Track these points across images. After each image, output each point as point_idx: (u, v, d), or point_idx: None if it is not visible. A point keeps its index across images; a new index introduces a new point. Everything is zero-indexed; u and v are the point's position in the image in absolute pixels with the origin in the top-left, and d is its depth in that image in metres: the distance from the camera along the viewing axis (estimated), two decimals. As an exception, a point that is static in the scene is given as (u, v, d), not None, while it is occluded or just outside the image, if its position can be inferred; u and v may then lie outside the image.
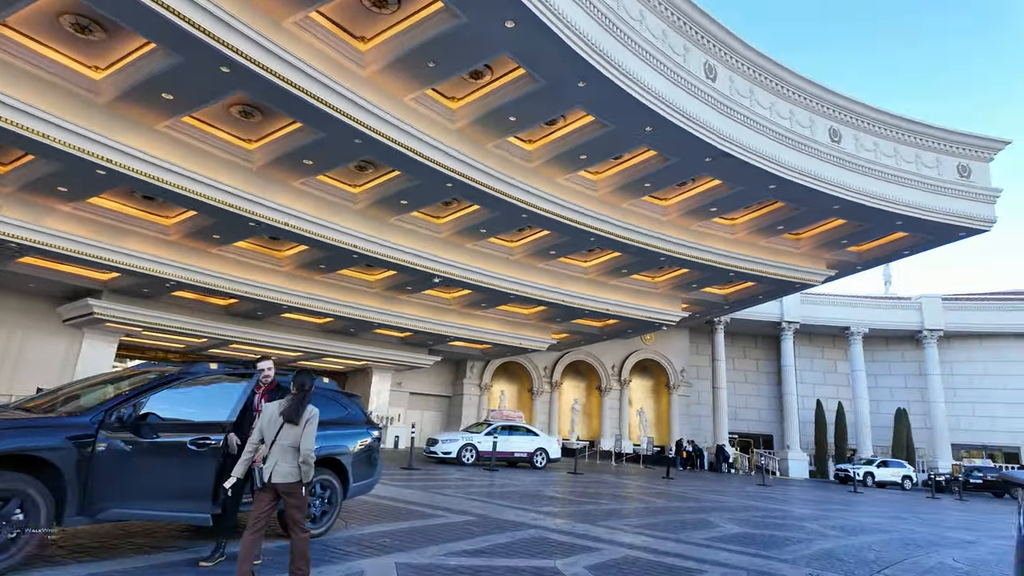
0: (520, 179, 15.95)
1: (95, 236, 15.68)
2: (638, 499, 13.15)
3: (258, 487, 4.54)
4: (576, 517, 9.03)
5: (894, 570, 6.72)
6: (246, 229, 16.16)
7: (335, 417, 6.13)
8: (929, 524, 12.65)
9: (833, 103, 18.18)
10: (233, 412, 5.21)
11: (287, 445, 4.60)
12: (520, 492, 12.03)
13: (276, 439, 4.62)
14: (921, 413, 35.71)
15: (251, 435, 4.71)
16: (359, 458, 6.37)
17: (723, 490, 17.84)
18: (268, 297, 19.53)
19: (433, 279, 20.06)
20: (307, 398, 4.75)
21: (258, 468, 4.57)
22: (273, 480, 4.55)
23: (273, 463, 4.58)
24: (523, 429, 20.73)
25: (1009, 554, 8.88)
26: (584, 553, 6.22)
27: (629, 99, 13.44)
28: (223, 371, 5.55)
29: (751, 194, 18.31)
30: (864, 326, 36.35)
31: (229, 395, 5.28)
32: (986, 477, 28.74)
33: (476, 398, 33.40)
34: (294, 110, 12.46)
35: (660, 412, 36.63)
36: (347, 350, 26.63)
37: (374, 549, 5.63)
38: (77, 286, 18.94)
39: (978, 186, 20.21)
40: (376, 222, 17.43)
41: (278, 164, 14.75)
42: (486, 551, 5.93)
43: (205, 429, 5.06)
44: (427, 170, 14.43)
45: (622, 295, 24.14)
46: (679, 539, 7.73)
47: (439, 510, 8.50)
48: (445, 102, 14.13)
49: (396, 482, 12.35)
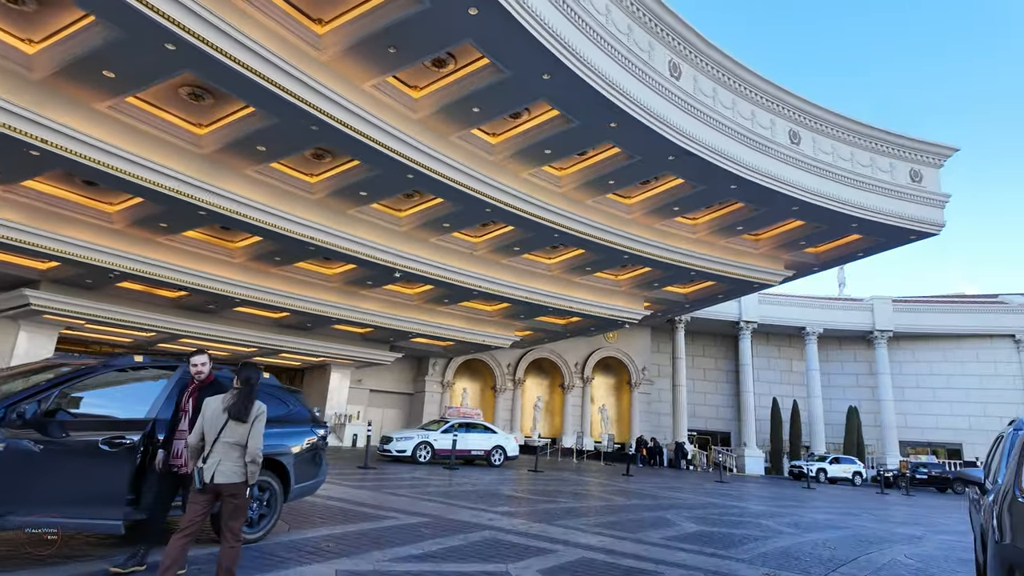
0: (484, 172, 15.67)
1: (30, 222, 14.78)
2: (597, 497, 13.05)
3: (197, 488, 4.19)
4: (533, 517, 8.82)
5: (849, 568, 6.71)
6: (195, 218, 15.46)
7: (276, 415, 5.75)
8: (879, 520, 12.89)
9: (793, 105, 18.43)
10: (153, 409, 4.80)
11: (232, 443, 4.29)
12: (477, 491, 11.77)
13: (219, 437, 4.29)
14: (871, 411, 36.84)
15: (190, 434, 4.34)
16: (302, 458, 6.01)
17: (681, 487, 17.93)
18: (220, 290, 18.79)
19: (394, 274, 19.61)
20: (254, 393, 4.44)
21: (198, 468, 4.22)
22: (216, 481, 4.22)
23: (216, 462, 4.25)
24: (480, 427, 20.47)
25: (955, 549, 9.06)
26: (538, 555, 6.00)
27: (594, 94, 13.30)
28: (147, 364, 5.13)
29: (713, 194, 18.44)
30: (819, 326, 37.28)
31: (150, 391, 4.86)
32: (931, 473, 29.80)
33: (438, 396, 32.99)
34: (246, 93, 11.91)
35: (621, 409, 36.87)
36: (304, 346, 25.91)
37: (315, 555, 5.29)
38: (12, 275, 17.86)
39: (929, 191, 20.82)
40: (334, 213, 16.91)
41: (230, 150, 14.13)
42: (436, 555, 5.65)
43: (120, 427, 4.63)
44: (387, 160, 14.02)
45: (586, 293, 24.10)
46: (637, 539, 7.60)
47: (390, 511, 8.17)
48: (407, 90, 13.74)
49: (349, 482, 11.95)
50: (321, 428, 6.40)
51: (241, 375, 4.47)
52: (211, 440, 4.31)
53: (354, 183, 15.65)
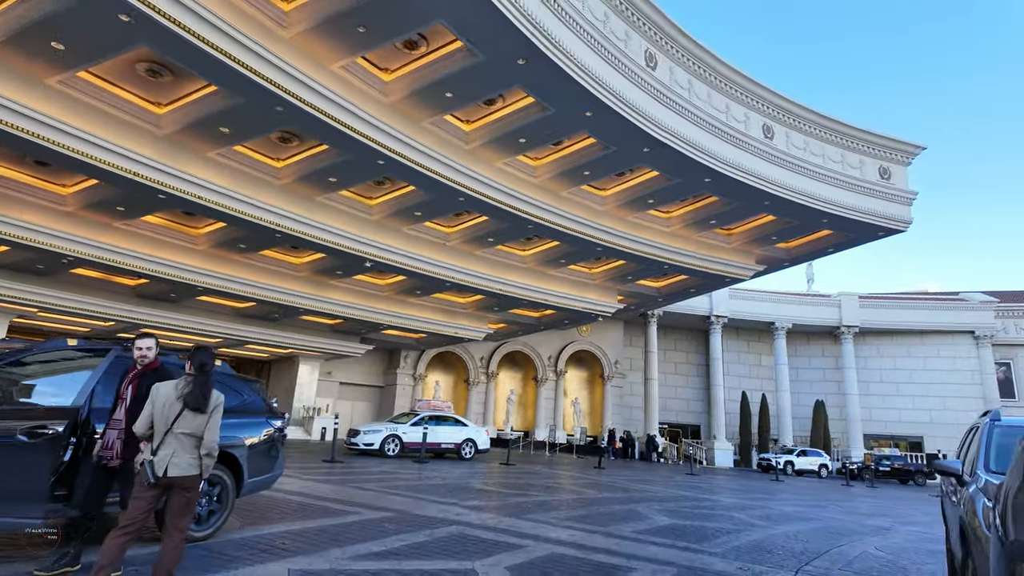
0: (457, 160, 15.33)
1: (-25, 203, 13.99)
2: (569, 490, 12.90)
3: (149, 482, 3.84)
4: (503, 511, 8.60)
5: (821, 561, 6.63)
6: (155, 202, 14.82)
7: (230, 405, 5.38)
8: (847, 512, 13.01)
9: (767, 100, 18.46)
10: (81, 396, 4.41)
11: (186, 434, 3.95)
12: (447, 485, 11.51)
13: (173, 427, 3.94)
14: (837, 405, 37.55)
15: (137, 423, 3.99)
16: (256, 451, 5.65)
17: (653, 480, 17.93)
18: (182, 278, 18.11)
19: (364, 263, 19.15)
20: (211, 380, 4.11)
21: (148, 461, 3.87)
22: (171, 474, 3.87)
23: (169, 454, 3.91)
24: (451, 419, 20.16)
25: (923, 541, 9.12)
26: (507, 551, 5.77)
27: (569, 81, 13.06)
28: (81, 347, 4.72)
29: (687, 187, 18.39)
30: (788, 321, 37.83)
31: (80, 377, 4.46)
32: (893, 465, 30.51)
33: (410, 388, 32.58)
34: (207, 71, 11.38)
35: (594, 403, 36.93)
36: (272, 337, 25.27)
37: (268, 553, 4.96)
38: (-43, 260, 16.97)
39: (897, 188, 21.12)
40: (302, 200, 16.39)
41: (191, 131, 13.53)
42: (398, 552, 5.37)
43: (42, 416, 4.23)
44: (356, 145, 13.59)
45: (560, 285, 23.95)
46: (608, 533, 7.43)
47: (354, 506, 7.85)
48: (377, 73, 13.32)
49: (313, 476, 11.57)
50: (278, 419, 6.05)
51: (195, 360, 4.13)
52: (162, 430, 3.97)
53: (322, 168, 15.17)
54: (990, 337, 37.39)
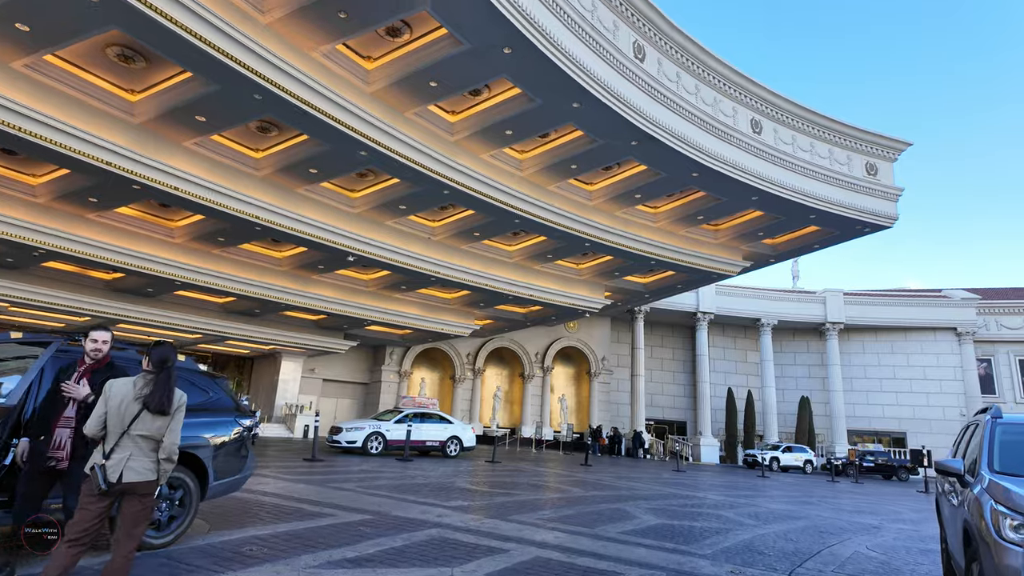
0: (442, 152, 15.00)
1: (-62, 193, 13.45)
2: (554, 488, 12.67)
3: (101, 489, 3.50)
4: (486, 511, 8.34)
5: (814, 563, 6.45)
6: (129, 193, 14.35)
7: (194, 402, 5.08)
8: (834, 509, 12.91)
9: (756, 94, 18.31)
10: (16, 393, 4.07)
11: (144, 436, 3.62)
12: (429, 484, 11.23)
13: (129, 429, 3.61)
14: (822, 401, 37.74)
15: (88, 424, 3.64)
16: (223, 452, 5.33)
17: (640, 477, 17.77)
18: (159, 271, 17.62)
19: (347, 257, 18.77)
20: (173, 378, 3.76)
21: (99, 466, 3.53)
22: (126, 480, 3.53)
23: (124, 458, 3.56)
24: (436, 417, 19.86)
25: (913, 540, 9.00)
26: (488, 556, 5.51)
27: (556, 71, 12.78)
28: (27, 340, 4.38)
29: (674, 182, 18.21)
30: (774, 318, 37.93)
31: (15, 372, 4.12)
32: (877, 461, 30.71)
33: (395, 385, 32.20)
34: (182, 56, 10.96)
35: (581, 399, 36.79)
36: (253, 333, 24.79)
37: (232, 561, 4.65)
38: (-79, 253, 16.35)
39: (883, 184, 21.10)
40: (282, 192, 15.98)
41: (166, 120, 13.09)
42: (373, 558, 5.08)
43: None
44: (338, 135, 13.22)
45: (547, 281, 23.70)
46: (595, 534, 7.20)
47: (331, 508, 7.54)
48: (359, 61, 12.95)
49: (291, 476, 11.23)
50: (246, 418, 5.73)
51: (154, 356, 3.77)
52: (117, 432, 3.62)
53: (303, 159, 14.77)
54: (972, 333, 37.75)
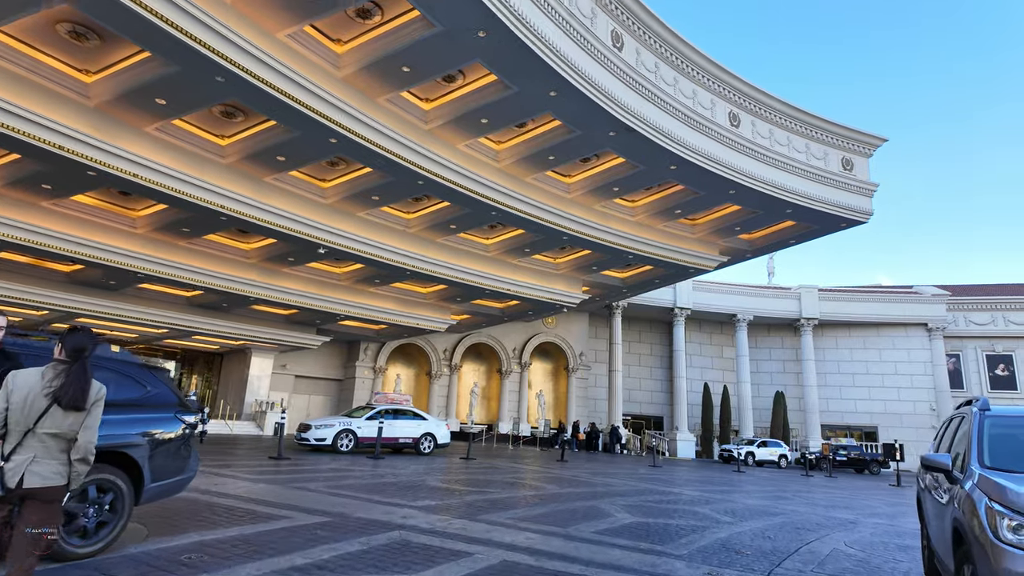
0: (415, 140, 14.58)
1: None
2: (529, 486, 12.39)
3: None
4: (455, 511, 8.00)
5: (792, 562, 6.24)
6: (85, 180, 13.68)
7: (129, 397, 4.65)
8: (810, 504, 12.83)
9: (734, 87, 18.19)
10: None
11: (53, 435, 3.17)
12: (399, 483, 10.85)
13: (35, 427, 3.16)
14: (796, 396, 38.08)
15: None
16: (161, 451, 4.91)
17: (616, 472, 17.59)
18: (120, 263, 16.92)
19: (318, 250, 18.24)
20: (89, 369, 3.30)
21: None
22: (28, 484, 3.09)
23: (27, 460, 3.12)
24: (410, 413, 19.44)
25: (890, 535, 8.88)
26: (451, 561, 5.17)
27: (532, 57, 12.45)
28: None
29: (652, 174, 18.01)
30: (749, 314, 38.15)
31: None
32: (850, 455, 31.05)
33: (370, 382, 31.65)
34: (138, 35, 10.40)
35: (559, 395, 36.61)
36: (221, 328, 24.08)
37: (164, 572, 4.24)
38: None
39: (859, 179, 21.18)
40: (249, 180, 15.41)
41: (124, 102, 12.47)
42: (324, 565, 4.70)
43: None
44: (306, 120, 12.73)
45: (524, 275, 23.39)
46: (568, 534, 6.91)
47: (288, 509, 7.13)
48: (329, 44, 12.47)
49: (254, 475, 10.77)
50: (189, 415, 5.30)
51: (68, 344, 3.30)
52: (21, 430, 3.17)
53: (271, 146, 14.25)
54: (942, 329, 38.38)
